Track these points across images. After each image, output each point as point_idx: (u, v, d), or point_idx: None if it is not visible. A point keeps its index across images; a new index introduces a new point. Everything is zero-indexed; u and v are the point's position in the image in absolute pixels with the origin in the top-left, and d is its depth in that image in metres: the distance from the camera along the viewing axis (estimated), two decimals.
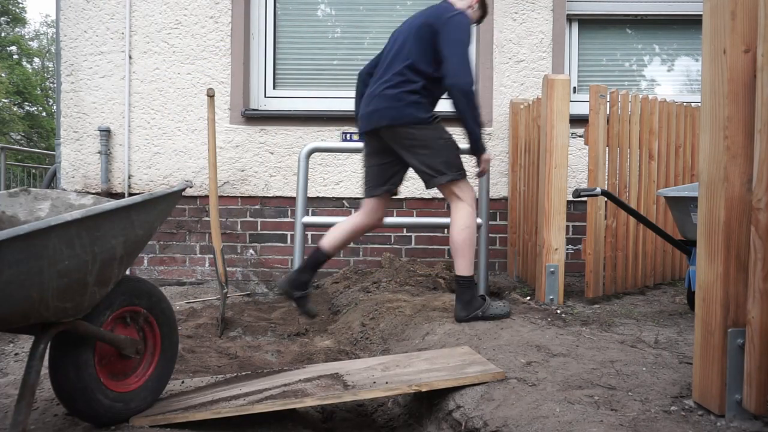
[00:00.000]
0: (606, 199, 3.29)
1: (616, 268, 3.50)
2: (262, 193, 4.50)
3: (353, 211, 4.49)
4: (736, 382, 1.59)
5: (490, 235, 4.07)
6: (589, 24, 4.73)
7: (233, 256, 4.50)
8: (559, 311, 2.98)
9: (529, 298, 3.33)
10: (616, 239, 3.48)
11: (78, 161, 4.52)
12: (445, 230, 4.54)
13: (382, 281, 3.74)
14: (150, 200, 1.73)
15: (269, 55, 4.65)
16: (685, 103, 3.94)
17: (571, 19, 4.66)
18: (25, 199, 1.90)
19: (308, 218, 3.68)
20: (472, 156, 2.90)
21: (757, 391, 1.52)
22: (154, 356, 1.92)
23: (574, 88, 4.68)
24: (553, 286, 3.16)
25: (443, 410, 1.99)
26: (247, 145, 4.50)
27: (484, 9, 3.01)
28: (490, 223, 4.40)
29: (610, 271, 3.46)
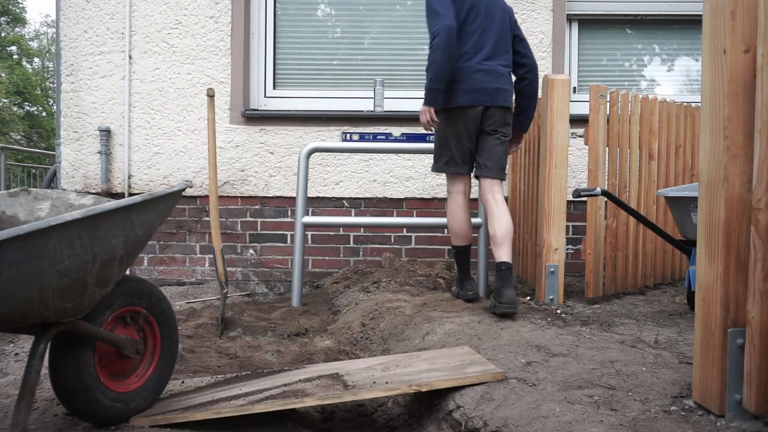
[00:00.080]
0: (606, 199, 3.29)
1: (616, 268, 3.50)
2: (262, 193, 4.50)
3: (353, 211, 4.49)
4: (736, 382, 1.59)
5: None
6: (589, 24, 4.73)
7: (233, 256, 4.51)
8: (559, 311, 2.98)
9: (529, 298, 3.33)
10: (616, 239, 3.48)
11: (78, 161, 4.52)
12: (445, 230, 4.54)
13: (382, 281, 3.74)
14: (150, 200, 1.73)
15: (269, 55, 4.65)
16: (685, 103, 3.94)
17: (571, 19, 4.66)
18: (25, 199, 1.91)
19: (308, 218, 3.68)
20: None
21: (757, 391, 1.52)
22: (154, 356, 1.93)
23: (574, 88, 4.68)
24: (553, 286, 3.16)
25: (443, 410, 1.99)
26: (247, 145, 4.50)
27: None
28: None
29: (610, 271, 3.46)
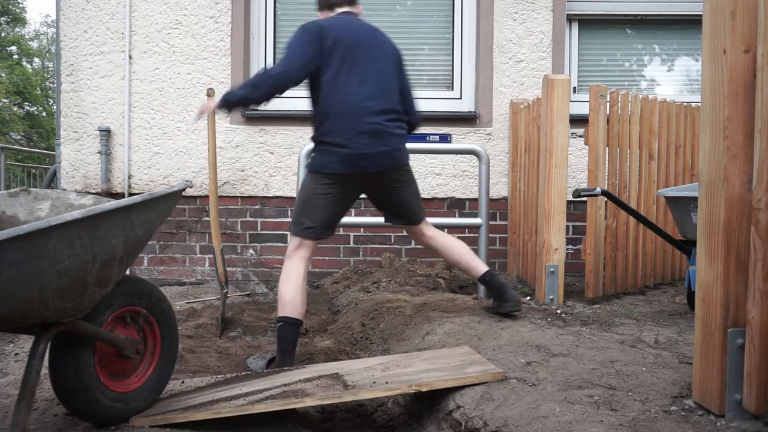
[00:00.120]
0: (606, 199, 3.29)
1: (616, 268, 3.50)
2: (262, 193, 4.50)
3: (353, 211, 4.49)
4: (736, 382, 1.59)
5: (490, 235, 4.07)
6: (589, 24, 4.73)
7: (233, 256, 4.50)
8: (559, 311, 2.98)
9: (529, 298, 3.33)
10: (616, 239, 3.48)
11: (78, 161, 4.52)
12: (445, 230, 4.54)
13: (382, 281, 3.74)
14: (150, 200, 1.73)
15: (269, 55, 4.65)
16: (685, 103, 3.94)
17: (571, 19, 4.66)
18: (25, 199, 1.91)
19: None
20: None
21: (757, 391, 1.52)
22: (154, 356, 1.92)
23: (574, 88, 4.68)
24: (553, 286, 3.16)
25: (443, 410, 1.99)
26: (247, 145, 4.50)
27: None
28: (490, 223, 4.40)
29: (610, 271, 3.46)
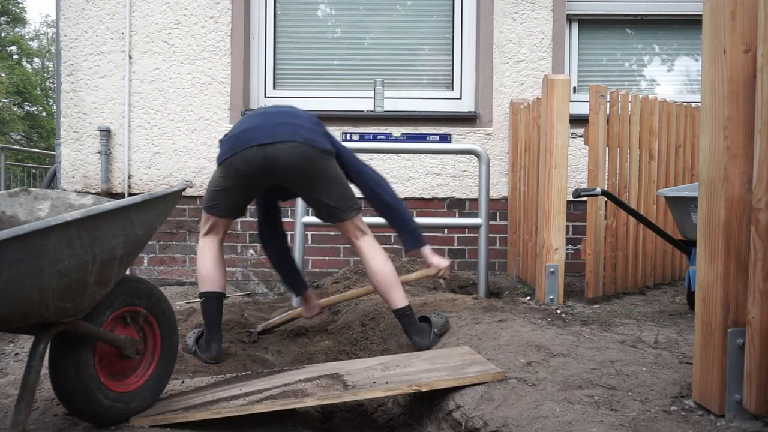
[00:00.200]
0: (606, 199, 3.29)
1: (616, 268, 3.50)
2: None
3: None
4: (736, 382, 1.59)
5: (490, 235, 4.07)
6: (589, 24, 4.73)
7: (233, 256, 4.50)
8: (559, 311, 2.98)
9: (529, 298, 3.33)
10: (616, 239, 3.48)
11: (78, 161, 4.52)
12: (445, 230, 4.54)
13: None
14: (150, 200, 1.73)
15: (269, 55, 4.65)
16: (685, 103, 3.94)
17: (571, 19, 4.66)
18: (25, 199, 1.90)
19: (308, 218, 3.68)
20: None
21: (757, 391, 1.52)
22: (154, 356, 1.92)
23: (574, 88, 4.68)
24: (553, 286, 3.16)
25: (443, 410, 1.99)
26: None
27: None
28: (490, 223, 4.40)
29: (610, 271, 3.46)
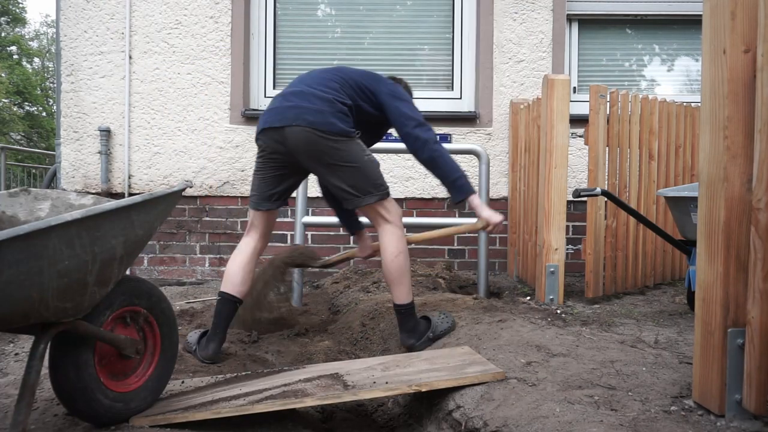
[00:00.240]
0: (606, 199, 3.29)
1: (616, 268, 3.50)
2: None
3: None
4: (736, 382, 1.59)
5: (490, 235, 4.06)
6: (589, 24, 4.73)
7: None
8: (559, 311, 2.98)
9: (529, 298, 3.33)
10: (616, 239, 3.48)
11: (78, 161, 4.52)
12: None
13: (382, 281, 3.73)
14: (150, 200, 1.73)
15: (269, 55, 4.65)
16: (685, 103, 3.94)
17: (571, 19, 4.66)
18: (25, 199, 1.90)
19: (308, 218, 3.68)
20: None
21: (757, 391, 1.52)
22: (154, 356, 1.92)
23: (574, 88, 4.68)
24: (553, 286, 3.16)
25: (443, 410, 1.99)
26: (247, 145, 4.50)
27: None
28: None
29: (610, 271, 3.46)
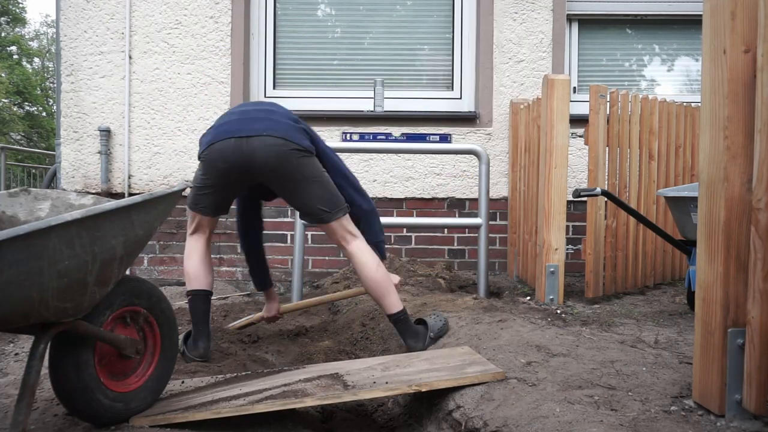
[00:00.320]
0: (606, 199, 3.29)
1: (616, 268, 3.50)
2: None
3: None
4: (736, 382, 1.59)
5: (490, 235, 4.07)
6: (589, 24, 4.73)
7: (233, 256, 4.50)
8: (559, 311, 2.98)
9: (529, 298, 3.33)
10: (616, 239, 3.48)
11: (78, 161, 4.52)
12: (445, 230, 4.54)
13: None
14: (150, 200, 1.73)
15: (269, 55, 4.65)
16: (685, 103, 3.94)
17: (571, 19, 4.66)
18: (25, 199, 1.90)
19: None
20: None
21: (757, 391, 1.52)
22: (154, 356, 1.92)
23: (574, 88, 4.68)
24: (553, 286, 3.16)
25: (443, 410, 1.99)
26: None
27: None
28: (490, 223, 4.40)
29: (610, 271, 3.46)
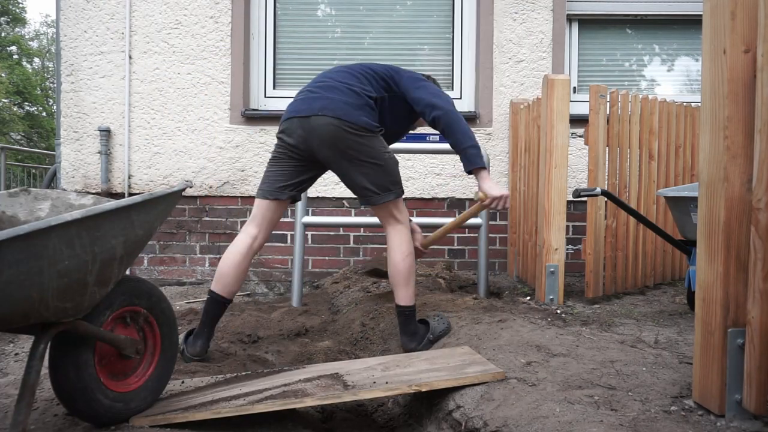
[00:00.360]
0: (606, 199, 3.29)
1: (616, 268, 3.50)
2: None
3: (353, 211, 4.49)
4: (736, 382, 1.59)
5: (490, 235, 4.07)
6: (589, 24, 4.73)
7: None
8: (559, 311, 2.98)
9: (529, 298, 3.33)
10: (616, 239, 3.48)
11: (78, 161, 4.52)
12: None
13: (382, 281, 3.74)
14: (150, 200, 1.73)
15: (269, 55, 4.65)
16: (685, 103, 3.94)
17: (571, 19, 4.66)
18: (25, 199, 1.90)
19: (308, 218, 3.68)
20: None
21: (757, 391, 1.52)
22: (154, 356, 1.92)
23: (574, 88, 4.68)
24: (553, 286, 3.16)
25: (443, 410, 1.99)
26: (247, 145, 4.50)
27: None
28: (490, 223, 4.41)
29: (610, 271, 3.46)
